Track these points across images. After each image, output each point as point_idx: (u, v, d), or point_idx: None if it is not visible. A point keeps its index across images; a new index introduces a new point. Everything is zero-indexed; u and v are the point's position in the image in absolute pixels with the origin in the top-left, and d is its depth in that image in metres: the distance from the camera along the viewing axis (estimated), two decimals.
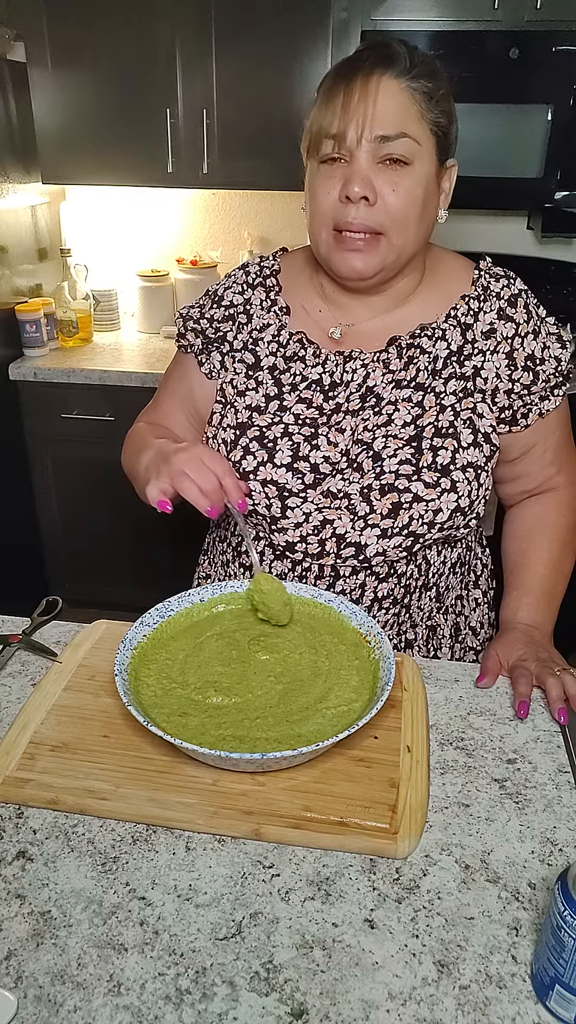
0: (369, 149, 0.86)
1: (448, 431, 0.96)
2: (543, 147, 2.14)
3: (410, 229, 0.91)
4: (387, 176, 0.88)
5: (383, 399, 0.97)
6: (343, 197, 0.88)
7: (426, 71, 0.87)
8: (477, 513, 0.99)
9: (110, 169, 2.36)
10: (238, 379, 1.02)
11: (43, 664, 0.94)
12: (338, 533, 0.95)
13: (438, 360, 0.98)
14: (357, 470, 0.96)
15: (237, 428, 0.99)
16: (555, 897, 0.55)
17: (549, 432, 1.04)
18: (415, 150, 0.87)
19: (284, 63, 2.17)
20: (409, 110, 0.86)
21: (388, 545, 0.95)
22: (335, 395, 0.98)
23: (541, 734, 0.85)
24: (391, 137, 0.86)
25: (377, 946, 0.62)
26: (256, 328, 1.03)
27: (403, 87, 0.86)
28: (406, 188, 0.88)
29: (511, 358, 0.98)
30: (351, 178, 0.87)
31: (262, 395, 1.00)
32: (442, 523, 0.95)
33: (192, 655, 0.87)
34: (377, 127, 0.85)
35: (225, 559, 1.12)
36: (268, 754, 0.70)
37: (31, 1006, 0.57)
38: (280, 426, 0.98)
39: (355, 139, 0.86)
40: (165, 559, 2.36)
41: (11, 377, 2.34)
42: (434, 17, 2.08)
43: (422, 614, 1.06)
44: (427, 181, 0.90)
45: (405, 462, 0.95)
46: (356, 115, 0.85)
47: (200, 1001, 0.57)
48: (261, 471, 0.96)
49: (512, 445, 1.03)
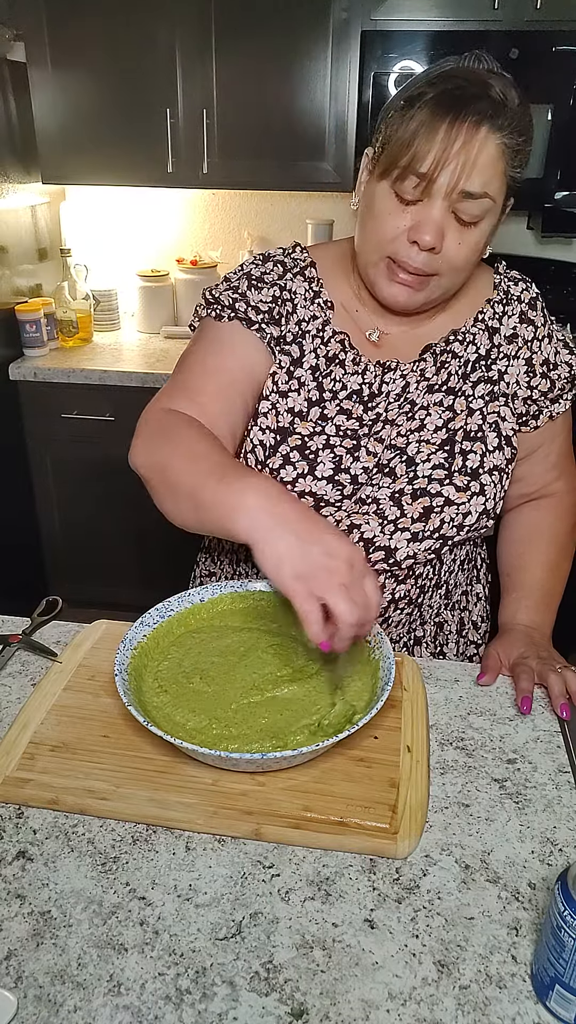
0: (449, 199, 0.84)
1: (476, 435, 0.96)
2: (543, 147, 2.14)
3: (463, 275, 0.91)
4: (456, 228, 0.86)
5: (416, 404, 0.98)
6: (411, 239, 0.86)
7: (520, 124, 0.84)
8: (497, 514, 0.99)
9: (110, 169, 2.35)
10: (280, 374, 0.98)
11: (43, 664, 0.94)
12: (366, 537, 0.95)
13: (467, 364, 0.99)
14: (389, 475, 0.96)
15: (277, 433, 0.96)
16: (555, 897, 0.55)
17: (555, 435, 1.06)
18: (489, 208, 0.85)
19: (284, 63, 2.17)
20: (496, 167, 0.84)
21: (419, 548, 0.95)
22: (375, 405, 0.97)
23: (541, 734, 0.85)
24: (475, 195, 0.83)
25: (377, 946, 0.62)
26: (303, 319, 0.99)
27: (498, 143, 0.83)
28: (471, 242, 0.87)
29: (530, 363, 1.00)
30: (424, 225, 0.85)
31: (303, 399, 0.97)
32: (471, 525, 0.96)
33: (191, 651, 0.87)
34: (468, 183, 0.82)
35: (236, 557, 1.10)
36: (268, 754, 0.70)
37: (31, 1006, 0.57)
38: (322, 437, 0.96)
39: (445, 188, 0.83)
40: (165, 559, 2.36)
41: (11, 377, 2.34)
42: (434, 17, 2.08)
43: (432, 611, 1.07)
44: (491, 231, 0.89)
45: (438, 466, 0.95)
46: (454, 163, 0.82)
47: (200, 1001, 0.57)
48: (300, 482, 0.94)
49: (520, 445, 1.04)
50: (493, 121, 0.82)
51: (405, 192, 0.85)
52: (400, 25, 2.10)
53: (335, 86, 2.18)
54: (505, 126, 0.82)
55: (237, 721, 0.78)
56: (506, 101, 0.82)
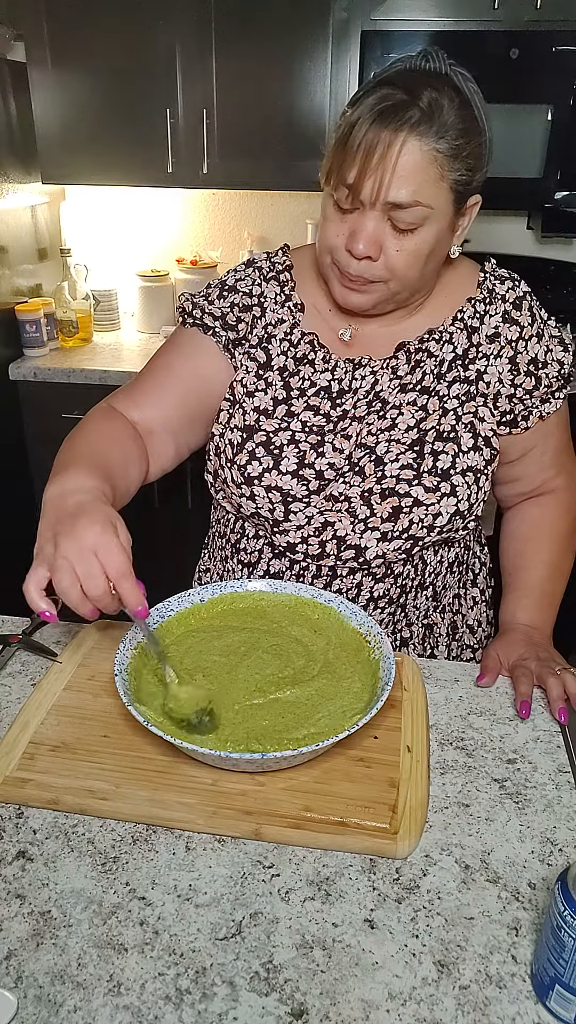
0: (381, 209, 0.84)
1: (449, 435, 0.96)
2: (543, 147, 2.14)
3: (411, 277, 0.90)
4: (394, 236, 0.86)
5: (388, 403, 0.97)
6: (347, 247, 0.87)
7: (458, 127, 0.83)
8: (476, 515, 0.99)
9: (110, 169, 2.35)
10: (248, 378, 1.00)
11: (43, 664, 0.94)
12: (339, 535, 0.96)
13: (443, 364, 0.98)
14: (359, 474, 0.96)
15: (244, 431, 0.98)
16: (555, 897, 0.55)
17: (549, 434, 1.05)
18: (426, 215, 0.85)
19: (284, 63, 2.17)
20: (427, 174, 0.83)
21: (388, 548, 0.95)
22: (343, 402, 0.98)
23: (541, 734, 0.85)
24: (403, 205, 0.83)
25: (377, 946, 0.62)
26: (270, 323, 1.01)
27: (427, 150, 0.82)
28: (410, 249, 0.87)
29: (514, 363, 0.98)
30: (358, 234, 0.85)
31: (270, 398, 0.99)
32: (441, 527, 0.95)
33: (191, 651, 0.88)
34: (391, 193, 0.82)
35: (224, 555, 1.12)
36: (268, 754, 0.70)
37: (31, 1006, 0.57)
38: (287, 432, 0.97)
39: (369, 199, 0.83)
40: (165, 559, 2.36)
41: (11, 377, 2.34)
42: (434, 17, 2.08)
43: (418, 613, 1.07)
44: (437, 235, 0.88)
45: (406, 467, 0.95)
46: (374, 175, 0.82)
47: (200, 1001, 0.57)
48: (266, 477, 0.96)
49: (511, 447, 1.03)
50: (416, 128, 0.81)
51: (340, 201, 0.86)
52: (400, 25, 2.10)
53: (335, 86, 2.18)
54: (430, 132, 0.81)
55: (238, 722, 0.78)
56: (434, 107, 0.81)
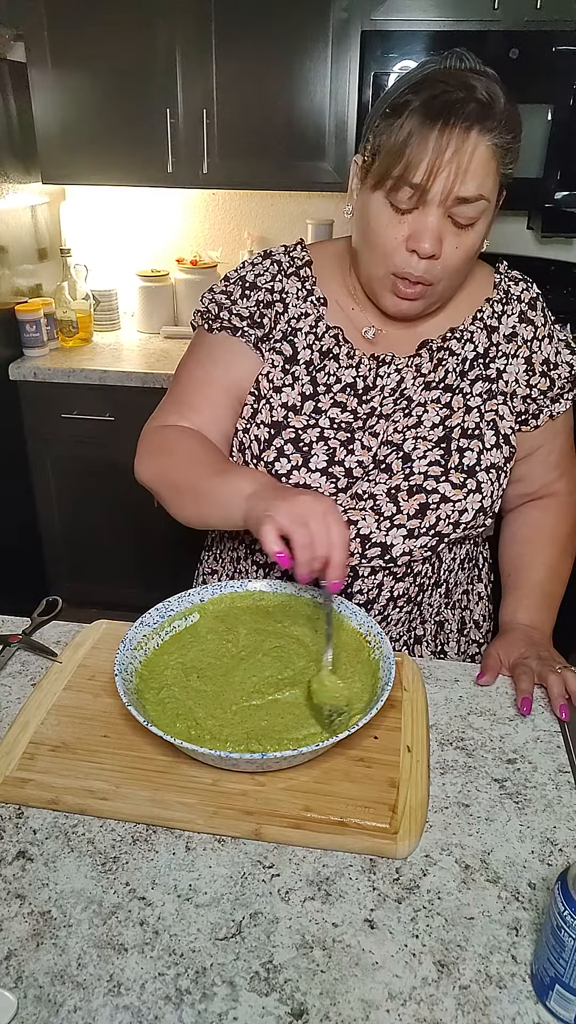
0: (445, 205, 0.84)
1: (474, 432, 0.97)
2: (543, 147, 2.14)
3: (462, 276, 0.92)
4: (453, 232, 0.86)
5: (413, 400, 0.98)
6: (410, 247, 0.86)
7: (510, 123, 0.83)
8: (495, 512, 1.00)
9: (110, 169, 2.35)
10: (274, 372, 0.99)
11: (43, 664, 0.94)
12: (362, 533, 0.95)
13: (466, 362, 0.99)
14: (385, 471, 0.96)
15: (272, 427, 0.97)
16: (555, 897, 0.55)
17: (556, 434, 1.07)
18: (484, 208, 0.85)
19: (284, 63, 2.17)
20: (489, 168, 0.83)
21: (415, 545, 0.96)
22: (369, 399, 0.98)
23: (541, 734, 0.85)
24: (470, 200, 0.83)
25: (377, 946, 0.62)
26: (293, 317, 1.00)
27: (489, 144, 0.81)
28: (468, 245, 0.87)
29: (529, 362, 1.00)
30: (423, 234, 0.84)
31: (297, 393, 0.98)
32: (467, 523, 0.96)
33: (191, 648, 0.88)
34: (462, 189, 0.82)
35: (236, 555, 1.11)
36: (268, 754, 0.70)
37: (31, 1006, 0.57)
38: (316, 430, 0.96)
39: (439, 196, 0.82)
40: (165, 559, 2.36)
41: (11, 377, 2.34)
42: (434, 17, 2.08)
43: (432, 610, 1.07)
44: (487, 229, 0.89)
45: (434, 463, 0.95)
46: (447, 171, 0.81)
47: (200, 1001, 0.57)
48: (295, 475, 0.95)
49: (520, 445, 1.04)
50: (482, 123, 0.81)
51: (400, 202, 0.85)
52: (400, 25, 2.09)
53: (335, 86, 2.18)
54: (494, 127, 0.81)
55: (237, 722, 0.78)
56: (492, 101, 0.81)
